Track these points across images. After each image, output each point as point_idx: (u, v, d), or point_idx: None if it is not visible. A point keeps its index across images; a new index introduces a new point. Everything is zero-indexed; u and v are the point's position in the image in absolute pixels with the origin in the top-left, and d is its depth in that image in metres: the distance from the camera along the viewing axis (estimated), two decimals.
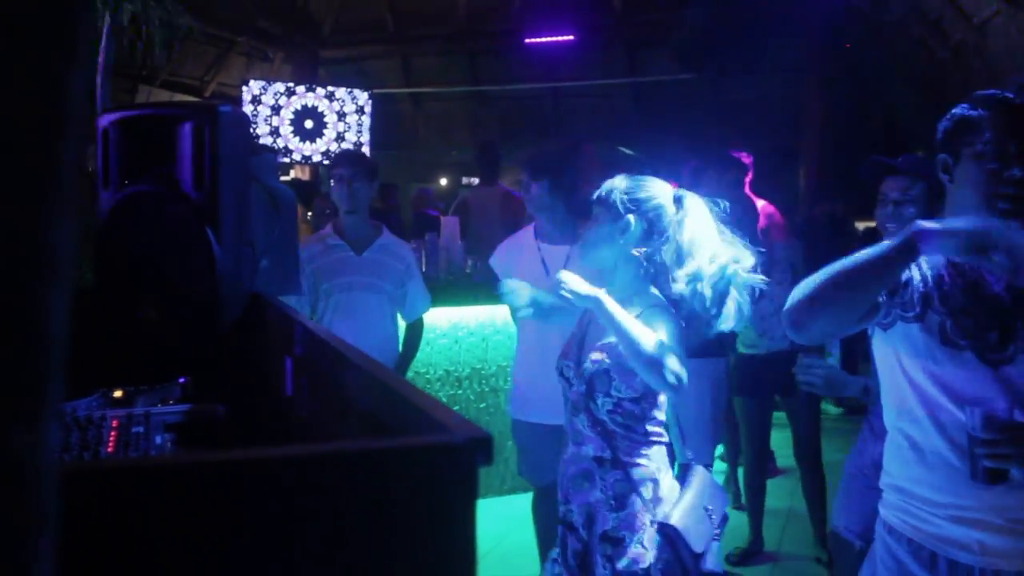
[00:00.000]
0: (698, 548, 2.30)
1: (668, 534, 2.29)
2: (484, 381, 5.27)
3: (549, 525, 3.55)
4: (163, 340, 1.77)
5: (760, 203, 5.21)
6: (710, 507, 2.41)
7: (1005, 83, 1.97)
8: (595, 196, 2.49)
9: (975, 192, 1.91)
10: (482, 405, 5.28)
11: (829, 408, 7.07)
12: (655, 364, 2.21)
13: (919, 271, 1.97)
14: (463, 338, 5.20)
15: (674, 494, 2.37)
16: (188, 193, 1.71)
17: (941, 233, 1.73)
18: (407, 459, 0.63)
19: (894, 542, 2.03)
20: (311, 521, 0.64)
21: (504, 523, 4.93)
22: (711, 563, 2.36)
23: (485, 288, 5.32)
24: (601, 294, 2.33)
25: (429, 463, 0.64)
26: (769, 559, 4.57)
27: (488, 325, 5.25)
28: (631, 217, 2.42)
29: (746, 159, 5.39)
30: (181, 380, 1.72)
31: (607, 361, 2.34)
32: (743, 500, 4.88)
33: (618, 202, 2.43)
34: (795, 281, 2.14)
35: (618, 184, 2.46)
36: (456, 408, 5.11)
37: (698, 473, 2.47)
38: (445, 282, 5.22)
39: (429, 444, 0.65)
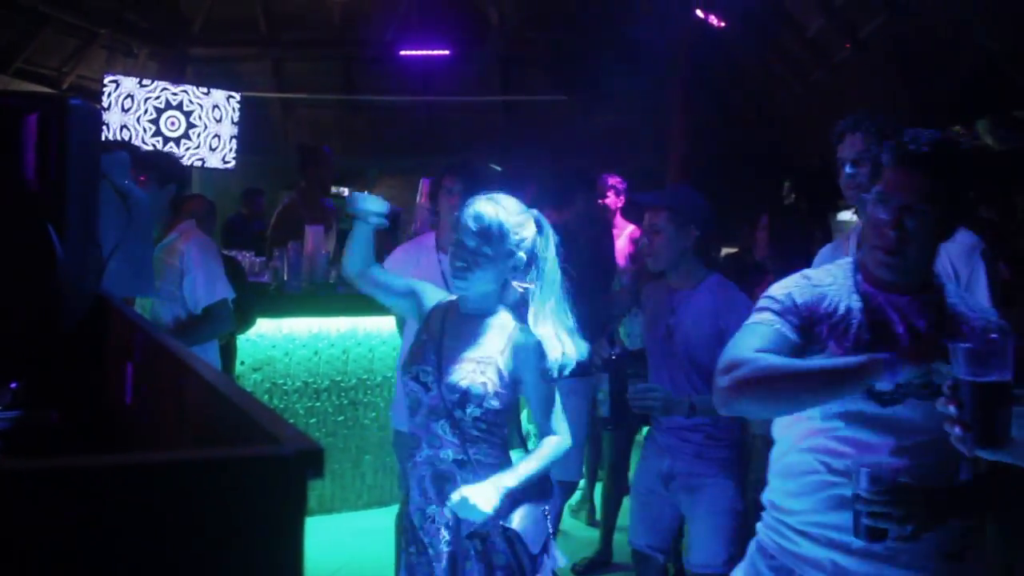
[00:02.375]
0: (535, 549, 2.40)
1: (509, 537, 2.39)
2: (343, 394, 5.20)
3: None
4: None
5: (630, 228, 5.35)
6: (547, 509, 2.51)
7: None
8: (472, 226, 2.43)
9: (866, 232, 2.02)
10: (340, 418, 5.20)
11: None
12: (564, 453, 2.50)
13: (831, 305, 2.02)
14: (323, 349, 5.12)
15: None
16: (30, 187, 1.63)
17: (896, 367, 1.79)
18: (233, 470, 0.62)
19: (760, 559, 2.10)
20: (130, 533, 0.62)
21: (360, 538, 4.87)
22: (551, 561, 2.47)
23: (347, 299, 5.28)
24: (504, 481, 2.34)
25: (256, 475, 0.62)
26: (616, 569, 4.65)
27: (349, 337, 5.19)
28: (522, 255, 2.46)
29: (620, 184, 5.51)
30: (12, 385, 1.63)
31: (484, 375, 2.40)
32: (598, 516, 4.97)
33: (509, 235, 2.43)
34: None
35: (501, 216, 2.43)
36: (314, 421, 5.07)
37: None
38: (307, 292, 5.13)
39: (256, 455, 0.63)
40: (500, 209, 2.45)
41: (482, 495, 2.25)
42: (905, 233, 1.91)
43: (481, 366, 2.41)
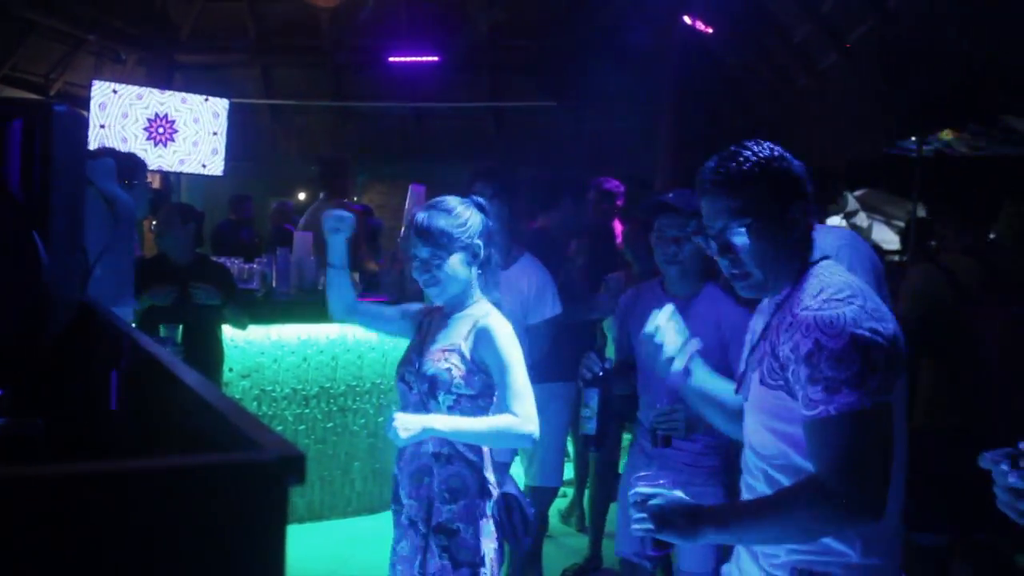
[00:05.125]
0: (529, 513, 2.61)
1: (509, 502, 2.57)
2: (332, 400, 5.19)
3: None
4: None
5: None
6: (485, 507, 2.62)
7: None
8: (419, 238, 2.53)
9: None
10: (329, 425, 5.19)
11: None
12: (522, 438, 2.49)
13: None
14: (312, 356, 5.11)
15: (497, 489, 2.59)
16: (15, 195, 1.63)
17: None
18: (214, 476, 0.62)
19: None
20: (111, 540, 0.61)
21: (349, 546, 4.86)
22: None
23: None
24: (432, 420, 2.44)
25: (237, 481, 0.62)
26: (605, 574, 4.65)
27: (339, 343, 5.18)
28: (478, 243, 2.57)
29: (617, 188, 5.52)
30: None
31: (448, 360, 2.51)
32: (587, 523, 4.97)
33: (454, 232, 2.53)
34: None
35: (441, 220, 2.52)
36: (303, 427, 5.06)
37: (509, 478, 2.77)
38: (296, 298, 5.12)
39: (237, 461, 0.63)
40: (438, 213, 2.53)
41: (405, 423, 2.37)
42: (735, 255, 1.93)
43: (446, 353, 2.52)
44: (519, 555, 3.98)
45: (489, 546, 2.50)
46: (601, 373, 2.95)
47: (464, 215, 2.55)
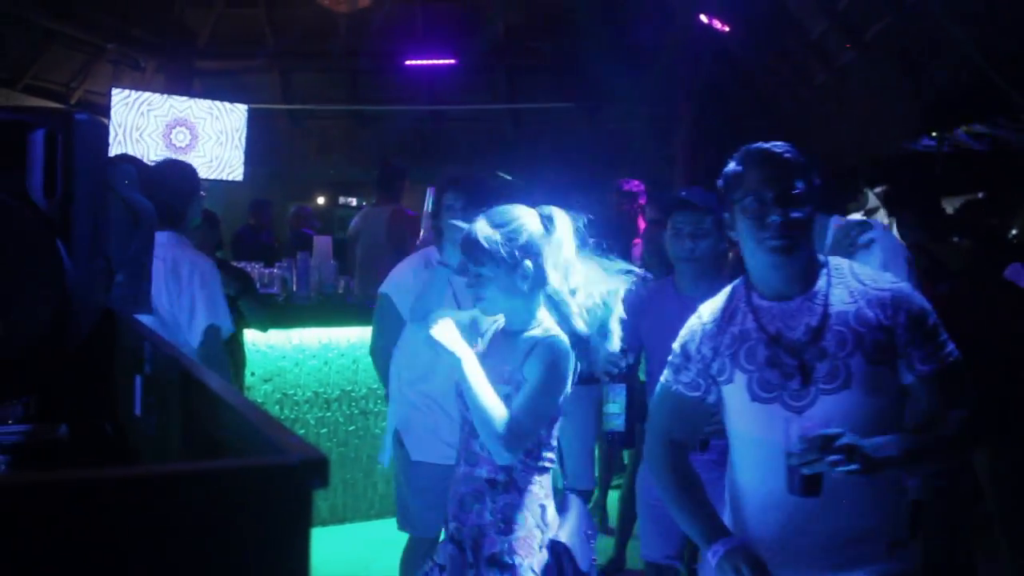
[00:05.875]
0: (584, 567, 2.39)
1: (559, 552, 2.37)
2: (354, 403, 5.20)
3: None
4: (6, 356, 1.69)
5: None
6: (589, 532, 2.50)
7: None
8: (465, 251, 2.41)
9: (749, 240, 2.04)
10: (351, 428, 5.21)
11: None
12: (495, 440, 2.29)
13: (728, 334, 2.11)
14: (333, 359, 5.13)
15: (556, 521, 2.43)
16: (38, 203, 1.64)
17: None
18: (238, 480, 0.62)
19: None
20: (139, 545, 0.62)
21: (372, 548, 4.87)
22: None
23: (357, 309, 5.28)
24: (467, 354, 2.35)
25: (261, 485, 0.63)
26: (629, 574, 4.64)
27: (359, 347, 5.19)
28: (528, 263, 2.37)
29: (637, 187, 5.51)
30: (23, 400, 1.64)
31: (507, 387, 2.36)
32: (611, 523, 4.96)
33: (511, 252, 2.35)
34: None
35: (494, 234, 2.37)
36: (325, 431, 5.07)
37: (575, 502, 2.56)
38: (316, 302, 5.15)
39: (260, 465, 0.63)
40: (485, 226, 2.39)
41: (444, 329, 2.38)
42: (786, 217, 1.98)
43: (504, 378, 2.37)
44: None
45: None
46: (626, 369, 2.92)
47: (516, 226, 2.38)
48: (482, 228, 2.38)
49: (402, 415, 3.44)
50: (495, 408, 2.30)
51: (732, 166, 2.10)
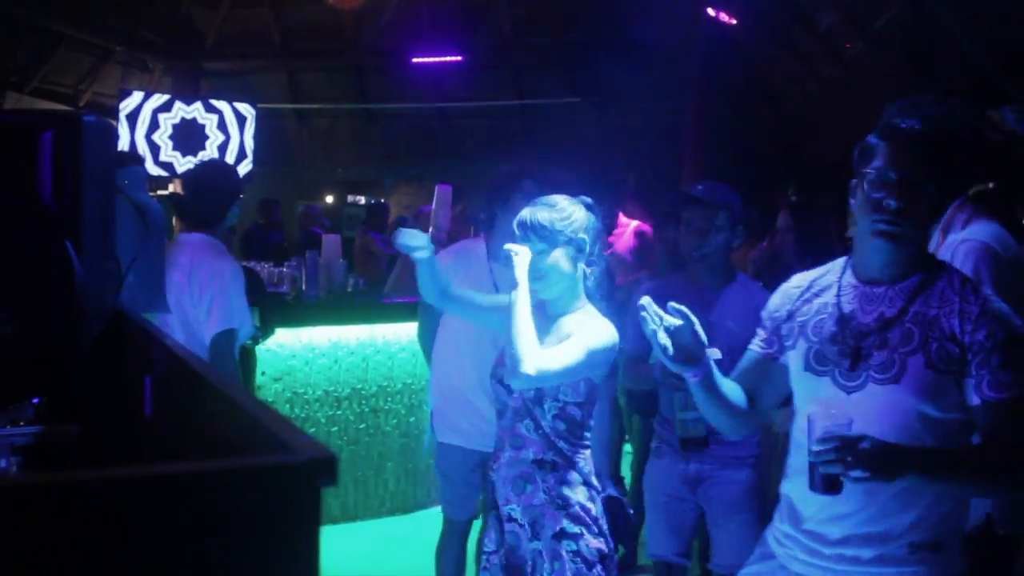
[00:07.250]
0: (631, 514, 2.73)
1: (613, 508, 2.59)
2: (364, 401, 5.21)
3: (459, 567, 3.48)
4: (17, 357, 1.69)
5: (633, 223, 5.40)
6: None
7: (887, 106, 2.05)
8: (529, 230, 2.51)
9: (862, 216, 1.97)
10: (362, 426, 5.21)
11: None
12: (518, 362, 2.35)
13: (808, 303, 2.09)
14: (343, 357, 5.13)
15: (599, 486, 2.58)
16: (48, 205, 1.65)
17: None
18: (246, 479, 0.62)
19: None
20: (149, 544, 0.62)
21: (383, 545, 4.88)
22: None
23: (366, 307, 5.28)
24: (524, 284, 2.44)
25: (270, 483, 0.63)
26: (640, 571, 4.63)
27: (369, 344, 5.20)
28: (583, 236, 2.52)
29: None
30: (34, 400, 1.64)
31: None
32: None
33: (556, 226, 2.49)
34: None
35: (544, 215, 2.50)
36: (335, 429, 5.08)
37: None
38: (326, 300, 5.15)
39: (271, 464, 0.64)
40: (542, 207, 2.52)
41: (524, 261, 2.45)
42: (904, 205, 1.89)
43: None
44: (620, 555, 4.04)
45: (606, 546, 2.49)
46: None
47: (568, 210, 2.52)
48: (539, 210, 2.51)
49: (436, 398, 3.56)
50: (532, 338, 2.39)
51: (872, 135, 2.00)
